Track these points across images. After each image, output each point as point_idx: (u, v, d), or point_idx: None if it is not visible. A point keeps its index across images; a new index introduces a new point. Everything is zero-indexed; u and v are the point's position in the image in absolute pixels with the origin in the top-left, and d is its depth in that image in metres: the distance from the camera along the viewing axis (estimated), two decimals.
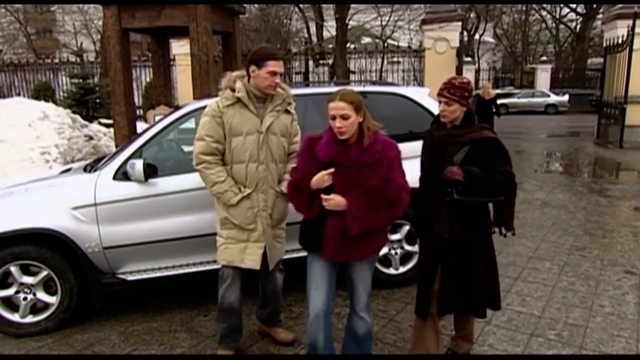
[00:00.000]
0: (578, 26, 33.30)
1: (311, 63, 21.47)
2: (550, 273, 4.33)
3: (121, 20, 6.38)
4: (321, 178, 2.36)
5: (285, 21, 28.03)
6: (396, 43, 18.41)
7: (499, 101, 26.72)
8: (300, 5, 24.30)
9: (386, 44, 16.24)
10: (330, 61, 21.98)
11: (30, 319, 3.47)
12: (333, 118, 2.34)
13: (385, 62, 16.37)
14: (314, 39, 24.80)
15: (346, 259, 2.49)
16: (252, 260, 2.88)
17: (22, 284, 3.42)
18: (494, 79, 34.35)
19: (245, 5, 7.95)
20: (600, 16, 27.40)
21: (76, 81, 10.35)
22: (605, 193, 7.51)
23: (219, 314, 3.02)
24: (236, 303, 2.96)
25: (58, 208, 3.39)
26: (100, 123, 9.45)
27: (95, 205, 3.39)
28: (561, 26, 35.66)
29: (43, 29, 38.06)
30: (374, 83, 5.21)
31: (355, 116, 2.34)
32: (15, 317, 3.44)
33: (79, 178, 3.65)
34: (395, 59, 16.52)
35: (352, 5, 13.76)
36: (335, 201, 2.34)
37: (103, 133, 8.41)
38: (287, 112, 2.96)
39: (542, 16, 35.53)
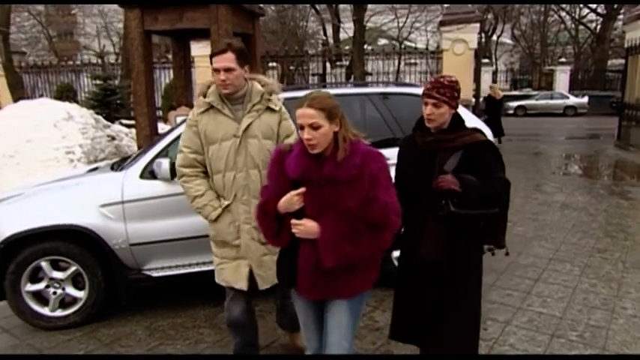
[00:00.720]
0: (598, 27, 32.83)
1: (328, 64, 21.56)
2: (571, 275, 4.31)
3: (144, 23, 6.51)
4: (290, 199, 1.99)
5: (301, 23, 28.20)
6: (412, 44, 18.40)
7: (517, 103, 26.53)
8: (317, 7, 24.42)
9: (403, 46, 16.25)
10: (347, 63, 22.10)
11: (59, 312, 3.58)
12: (302, 127, 1.96)
13: (402, 64, 16.38)
14: (330, 41, 24.88)
15: (325, 296, 2.09)
16: (238, 280, 2.64)
17: (52, 279, 3.53)
18: (511, 80, 34.06)
19: (261, 6, 8.02)
20: (621, 16, 26.98)
21: (99, 82, 10.59)
22: (626, 195, 7.42)
23: (229, 329, 2.89)
24: (242, 317, 2.75)
25: (86, 206, 3.50)
26: (121, 123, 9.63)
27: (122, 202, 3.49)
28: (581, 27, 35.19)
29: (64, 32, 38.81)
30: (395, 84, 5.24)
31: (328, 125, 1.95)
32: (45, 311, 3.56)
33: (106, 177, 3.75)
34: (412, 61, 16.53)
35: (369, 7, 13.81)
36: (305, 227, 1.95)
37: (124, 134, 8.57)
38: (270, 110, 2.64)
39: (561, 17, 35.11)
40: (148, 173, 3.52)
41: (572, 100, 25.76)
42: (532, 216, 6.20)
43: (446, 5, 20.94)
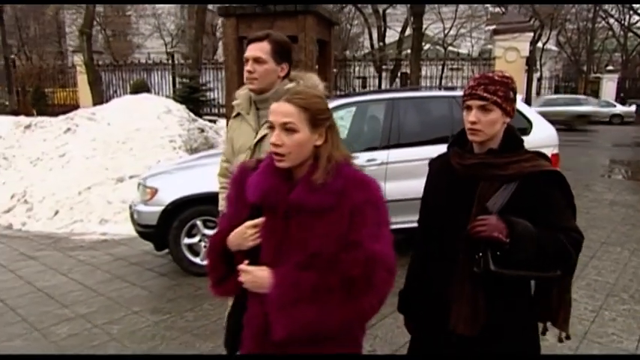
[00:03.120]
0: None
1: (371, 69, 22.37)
2: (621, 255, 5.03)
3: (239, 30, 7.54)
4: (242, 232, 1.45)
5: (344, 27, 29.13)
6: (456, 50, 19.11)
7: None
8: (363, 11, 25.34)
9: (447, 52, 17.03)
10: (391, 67, 22.88)
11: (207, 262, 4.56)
12: (271, 128, 1.43)
13: (446, 69, 17.12)
14: (375, 44, 25.70)
15: None
16: None
17: (203, 235, 4.53)
18: (555, 87, 34.04)
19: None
20: None
21: (185, 80, 11.79)
22: None
23: None
24: None
25: None
26: (203, 118, 10.74)
27: None
28: (630, 34, 34.82)
29: (119, 32, 40.90)
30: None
31: (309, 133, 1.41)
32: (197, 260, 4.56)
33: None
34: (456, 66, 17.27)
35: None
36: (253, 276, 1.39)
37: (208, 127, 9.65)
38: None
39: (610, 24, 34.83)
40: None
41: (619, 108, 25.80)
42: (584, 210, 6.87)
43: (492, 10, 21.50)
